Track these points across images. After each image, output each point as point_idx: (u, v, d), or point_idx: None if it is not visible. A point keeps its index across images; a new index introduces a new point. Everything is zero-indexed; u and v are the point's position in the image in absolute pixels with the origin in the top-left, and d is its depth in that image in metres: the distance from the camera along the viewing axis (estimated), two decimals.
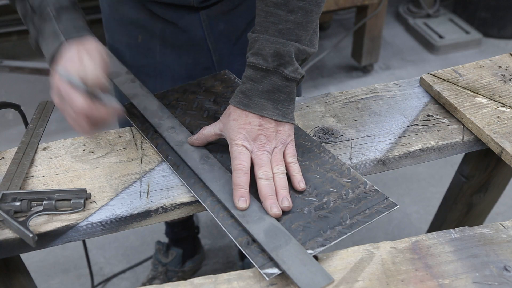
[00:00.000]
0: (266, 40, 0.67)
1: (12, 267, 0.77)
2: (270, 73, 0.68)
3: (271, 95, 0.69)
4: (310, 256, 0.58)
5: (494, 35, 2.87)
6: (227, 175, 0.70)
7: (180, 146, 0.76)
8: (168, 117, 0.81)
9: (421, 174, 1.98)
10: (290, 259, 0.58)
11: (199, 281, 0.58)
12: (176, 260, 1.56)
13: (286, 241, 0.60)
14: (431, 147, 0.78)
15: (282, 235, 0.61)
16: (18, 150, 0.77)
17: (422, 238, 0.63)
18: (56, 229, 0.65)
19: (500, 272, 0.58)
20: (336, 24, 3.04)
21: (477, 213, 1.14)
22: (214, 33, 0.94)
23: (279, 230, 0.62)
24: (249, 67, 0.69)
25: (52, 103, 0.89)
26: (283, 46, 0.67)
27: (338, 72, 2.64)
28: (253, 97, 0.69)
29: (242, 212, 0.64)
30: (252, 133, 0.68)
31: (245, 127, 0.68)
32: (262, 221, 0.63)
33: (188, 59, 0.97)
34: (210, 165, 0.72)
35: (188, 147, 0.75)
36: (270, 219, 0.63)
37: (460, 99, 0.84)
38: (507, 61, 0.95)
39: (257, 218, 0.63)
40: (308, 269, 0.57)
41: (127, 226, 0.69)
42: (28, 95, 2.53)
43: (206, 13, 0.92)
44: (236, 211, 0.64)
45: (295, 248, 0.59)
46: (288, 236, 0.61)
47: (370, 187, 0.69)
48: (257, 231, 0.61)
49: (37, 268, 1.65)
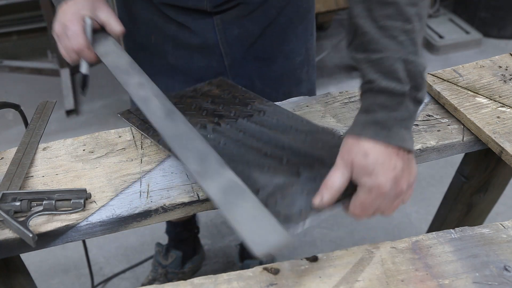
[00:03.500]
0: (394, 58, 0.57)
1: (12, 267, 0.77)
2: (406, 98, 0.58)
3: (407, 123, 0.59)
4: (268, 213, 0.51)
5: (494, 35, 2.86)
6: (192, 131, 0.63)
7: (145, 102, 0.68)
8: (137, 73, 0.74)
9: (421, 174, 1.98)
10: (243, 217, 0.51)
11: (199, 281, 0.58)
12: (176, 262, 1.56)
13: (244, 198, 0.53)
14: (431, 147, 0.78)
15: (239, 192, 0.54)
16: (18, 150, 0.77)
17: (422, 238, 0.63)
18: (56, 229, 0.65)
19: (500, 272, 0.58)
20: (336, 24, 3.04)
21: (477, 213, 1.14)
22: (228, 38, 0.93)
23: (237, 186, 0.55)
24: (381, 93, 0.58)
25: (52, 103, 0.89)
26: (413, 65, 0.58)
27: (338, 72, 2.65)
28: (392, 128, 0.58)
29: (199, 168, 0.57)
30: (393, 172, 0.58)
31: (387, 164, 0.58)
32: (219, 177, 0.55)
33: (200, 63, 0.97)
34: (173, 121, 0.65)
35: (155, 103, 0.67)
36: (229, 174, 0.56)
37: (460, 99, 0.84)
38: (507, 61, 0.95)
39: (215, 173, 0.56)
40: (262, 226, 0.50)
41: (127, 226, 0.69)
42: (28, 95, 2.53)
43: (220, 18, 0.91)
44: (192, 167, 0.56)
45: (252, 205, 0.52)
46: (247, 192, 0.54)
47: None
48: (212, 188, 0.54)
49: (37, 268, 1.65)
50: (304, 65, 1.04)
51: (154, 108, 0.67)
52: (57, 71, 2.59)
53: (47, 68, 2.65)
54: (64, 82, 2.51)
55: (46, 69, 2.66)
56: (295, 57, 1.01)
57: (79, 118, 2.37)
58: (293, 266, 0.59)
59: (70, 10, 0.77)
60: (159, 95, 0.69)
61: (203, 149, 0.60)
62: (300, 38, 1.00)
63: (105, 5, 0.81)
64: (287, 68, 1.02)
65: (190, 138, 0.62)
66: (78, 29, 0.76)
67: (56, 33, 0.78)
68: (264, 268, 0.59)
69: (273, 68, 1.00)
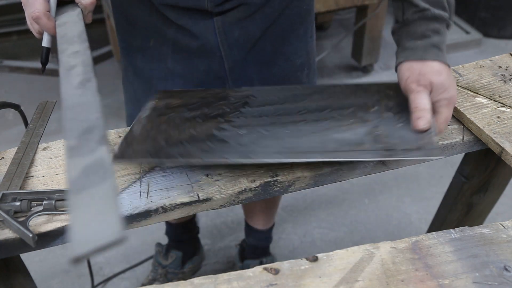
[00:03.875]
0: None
1: (12, 267, 0.77)
2: (446, 23, 0.75)
3: (444, 45, 0.76)
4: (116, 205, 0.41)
5: (494, 35, 2.87)
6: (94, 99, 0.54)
7: (68, 70, 0.59)
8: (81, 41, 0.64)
9: (421, 174, 1.98)
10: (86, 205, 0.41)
11: (199, 281, 0.58)
12: (176, 262, 1.56)
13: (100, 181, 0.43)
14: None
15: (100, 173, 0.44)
16: (18, 150, 0.77)
17: (422, 238, 0.63)
18: (56, 229, 0.65)
19: (500, 272, 0.58)
20: (336, 24, 3.04)
21: (477, 213, 1.14)
22: (228, 40, 0.92)
23: (102, 166, 0.45)
24: (434, 19, 0.73)
25: (52, 103, 0.89)
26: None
27: (338, 72, 2.64)
28: (443, 49, 0.75)
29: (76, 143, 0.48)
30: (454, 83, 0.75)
31: (455, 84, 0.74)
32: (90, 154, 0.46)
33: (200, 66, 0.95)
34: (84, 89, 0.55)
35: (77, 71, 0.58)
36: (102, 152, 0.47)
37: (460, 99, 0.84)
38: (507, 61, 0.95)
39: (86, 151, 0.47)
40: (101, 220, 0.39)
41: (127, 226, 0.69)
42: (28, 95, 2.53)
43: (221, 19, 0.89)
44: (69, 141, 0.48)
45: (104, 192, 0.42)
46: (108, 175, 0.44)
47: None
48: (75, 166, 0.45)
49: (37, 268, 1.65)
50: (304, 68, 1.04)
51: (74, 75, 0.58)
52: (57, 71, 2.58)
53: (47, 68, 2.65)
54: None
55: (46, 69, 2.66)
56: (295, 59, 1.01)
57: None
58: (293, 266, 0.59)
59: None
60: (87, 65, 0.60)
61: (93, 122, 0.51)
62: (300, 40, 1.00)
63: None
64: (287, 71, 1.01)
65: (87, 110, 0.52)
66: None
67: (22, 2, 0.72)
68: (264, 268, 0.59)
69: (274, 71, 0.99)
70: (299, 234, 1.76)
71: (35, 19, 0.70)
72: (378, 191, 1.91)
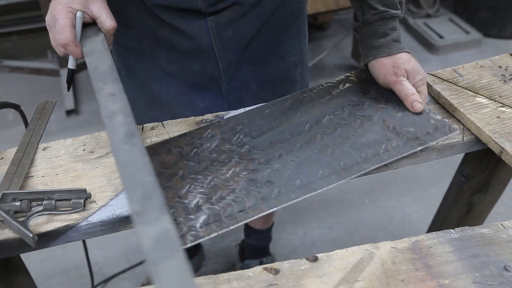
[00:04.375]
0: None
1: (12, 267, 0.77)
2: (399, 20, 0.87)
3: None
4: (190, 276, 0.49)
5: (494, 35, 2.87)
6: (143, 159, 0.59)
7: (110, 118, 0.64)
8: (113, 81, 0.69)
9: (421, 174, 1.98)
10: (167, 276, 0.49)
11: (199, 281, 0.58)
12: None
13: (172, 254, 0.50)
14: (431, 147, 0.78)
15: (171, 246, 0.51)
16: (18, 150, 0.77)
17: (422, 238, 0.63)
18: (56, 229, 0.65)
19: (500, 272, 0.58)
20: (336, 24, 3.04)
21: (477, 213, 1.14)
22: (222, 40, 0.92)
23: (170, 238, 0.52)
24: (391, 18, 0.85)
25: (52, 103, 0.89)
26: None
27: (338, 72, 2.64)
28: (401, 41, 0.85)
29: (140, 208, 0.54)
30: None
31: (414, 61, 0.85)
32: (156, 224, 0.53)
33: (194, 67, 0.95)
34: (132, 146, 0.61)
35: (119, 120, 0.63)
36: (166, 222, 0.53)
37: (460, 99, 0.84)
38: (507, 61, 0.95)
39: (152, 219, 0.53)
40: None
41: (127, 226, 0.69)
42: (28, 95, 2.53)
43: (214, 19, 0.89)
44: (133, 206, 0.54)
45: (179, 264, 0.50)
46: (177, 248, 0.51)
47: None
48: (146, 236, 0.52)
49: (37, 268, 1.65)
50: (298, 66, 1.04)
51: (117, 125, 0.63)
52: (57, 71, 2.59)
53: (47, 68, 2.65)
54: (64, 82, 2.51)
55: (46, 69, 2.66)
56: (289, 57, 1.01)
57: (79, 118, 2.37)
58: (293, 266, 0.59)
59: (61, 1, 0.75)
60: (126, 112, 0.66)
61: (149, 186, 0.57)
62: (293, 39, 1.00)
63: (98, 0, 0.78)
64: (281, 70, 1.01)
65: (140, 170, 0.59)
66: (66, 22, 0.74)
67: (47, 24, 0.76)
68: (264, 268, 0.59)
69: (268, 70, 0.99)
70: (299, 234, 1.76)
71: (63, 45, 0.74)
72: (378, 191, 1.90)
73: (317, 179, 0.70)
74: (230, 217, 0.65)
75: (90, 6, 0.76)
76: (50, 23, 0.76)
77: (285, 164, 0.73)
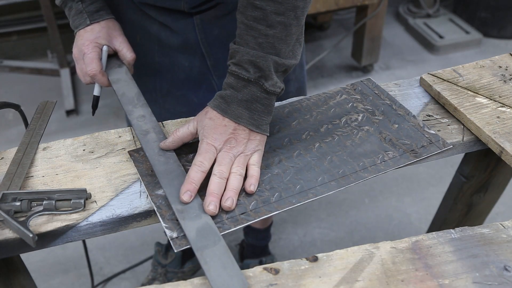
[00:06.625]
0: (246, 52, 0.69)
1: (12, 267, 0.77)
2: (250, 84, 0.70)
3: (249, 104, 0.71)
4: (233, 260, 0.59)
5: (494, 35, 2.87)
6: (179, 169, 0.70)
7: (144, 135, 0.76)
8: (142, 105, 0.82)
9: (421, 174, 1.98)
10: (212, 260, 0.59)
11: (199, 281, 0.58)
12: (176, 261, 1.56)
13: (215, 242, 0.61)
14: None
15: (212, 236, 0.62)
16: (18, 150, 0.77)
17: (422, 238, 0.63)
18: (56, 229, 0.65)
19: (500, 272, 0.58)
20: (336, 24, 3.04)
21: (477, 213, 1.14)
22: (208, 38, 0.93)
23: (211, 230, 0.62)
24: (231, 75, 0.71)
25: (52, 103, 0.89)
26: (263, 60, 0.68)
27: (338, 72, 2.65)
28: (231, 104, 0.71)
29: (182, 207, 0.65)
30: (225, 135, 0.70)
31: (220, 128, 0.70)
32: (198, 219, 0.63)
33: (184, 62, 0.97)
34: (166, 158, 0.72)
35: (152, 137, 0.75)
36: (207, 218, 0.64)
37: (460, 99, 0.84)
38: (507, 61, 0.95)
39: (194, 216, 0.64)
40: (227, 273, 0.57)
41: (127, 226, 0.69)
42: (28, 95, 2.53)
43: (200, 17, 0.91)
44: (176, 206, 0.65)
45: (221, 250, 0.60)
46: (218, 237, 0.62)
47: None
48: (189, 228, 0.62)
49: (37, 268, 1.65)
50: None
51: (151, 141, 0.75)
52: (57, 71, 2.59)
53: (47, 68, 2.65)
54: (64, 82, 2.51)
55: (46, 69, 2.66)
56: None
57: (79, 118, 2.37)
58: (293, 266, 0.59)
59: (88, 37, 0.86)
60: (157, 130, 0.77)
61: None
62: None
63: (120, 35, 0.89)
64: None
65: (177, 176, 0.70)
66: (93, 55, 0.85)
67: (74, 56, 0.88)
68: (264, 268, 0.59)
69: None
70: (299, 234, 1.76)
71: (92, 76, 0.86)
72: (378, 191, 1.90)
73: (316, 185, 0.71)
74: (231, 219, 0.66)
75: (113, 41, 0.88)
76: (77, 56, 0.87)
77: (285, 170, 0.73)
